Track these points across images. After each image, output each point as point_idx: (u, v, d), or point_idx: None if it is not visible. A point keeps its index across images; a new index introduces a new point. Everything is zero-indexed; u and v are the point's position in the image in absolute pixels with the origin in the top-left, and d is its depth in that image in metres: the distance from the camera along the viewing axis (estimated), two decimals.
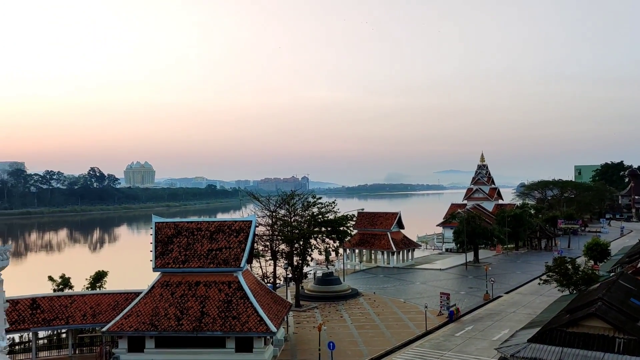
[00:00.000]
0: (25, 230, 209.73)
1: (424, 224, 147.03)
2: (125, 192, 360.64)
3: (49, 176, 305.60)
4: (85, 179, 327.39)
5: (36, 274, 76.43)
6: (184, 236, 44.34)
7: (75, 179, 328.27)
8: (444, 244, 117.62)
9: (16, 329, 40.74)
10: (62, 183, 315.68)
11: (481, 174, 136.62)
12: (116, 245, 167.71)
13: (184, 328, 38.98)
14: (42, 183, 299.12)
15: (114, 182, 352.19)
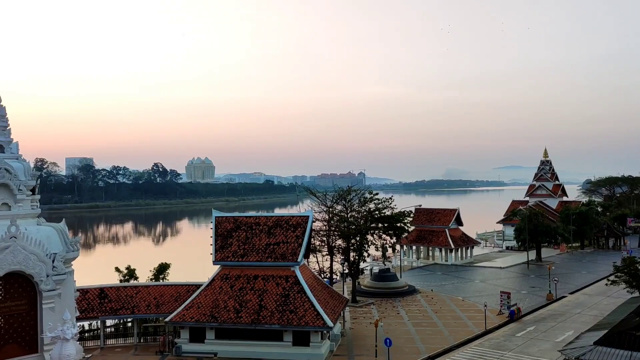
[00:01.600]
0: (94, 223, 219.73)
1: (483, 221, 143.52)
2: (186, 187, 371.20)
3: (115, 171, 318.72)
4: (149, 174, 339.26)
5: (104, 265, 80.00)
6: (243, 230, 45.22)
7: (139, 174, 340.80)
8: (504, 241, 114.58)
9: (86, 317, 42.86)
10: (128, 178, 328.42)
11: (544, 170, 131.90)
12: (178, 239, 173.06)
13: (242, 320, 39.80)
14: (109, 178, 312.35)
15: (176, 177, 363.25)
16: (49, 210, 79.08)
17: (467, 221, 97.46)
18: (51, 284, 37.55)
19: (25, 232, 37.14)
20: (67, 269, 39.22)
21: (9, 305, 36.99)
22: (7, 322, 36.95)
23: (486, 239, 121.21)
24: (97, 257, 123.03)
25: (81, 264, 43.58)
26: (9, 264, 35.87)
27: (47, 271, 37.31)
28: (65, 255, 39.09)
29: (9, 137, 40.63)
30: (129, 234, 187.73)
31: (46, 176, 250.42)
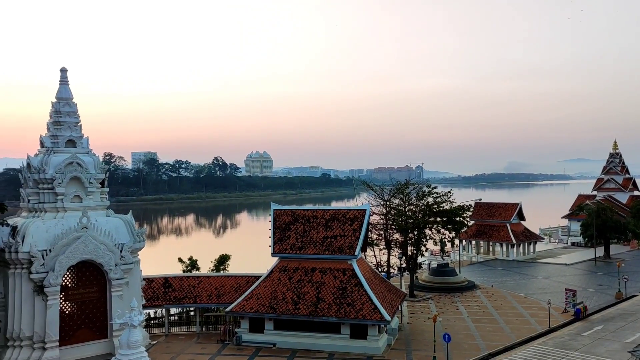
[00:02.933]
0: (158, 215, 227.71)
1: (547, 216, 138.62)
2: (245, 180, 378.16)
3: (178, 165, 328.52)
4: (209, 168, 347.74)
5: (167, 255, 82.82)
6: (301, 223, 45.68)
7: (200, 167, 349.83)
8: (569, 237, 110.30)
9: (151, 305, 44.60)
10: (190, 171, 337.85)
11: (614, 163, 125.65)
12: (237, 231, 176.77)
13: (300, 312, 40.30)
14: (172, 171, 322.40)
15: (235, 171, 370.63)
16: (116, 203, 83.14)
17: (530, 216, 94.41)
18: (119, 272, 39.31)
19: (96, 223, 39.03)
20: (134, 259, 40.97)
21: (81, 292, 39.06)
22: (79, 308, 39.02)
23: (550, 234, 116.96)
24: (161, 247, 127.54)
25: (146, 254, 45.35)
26: (81, 253, 37.82)
27: (116, 260, 39.09)
28: (132, 245, 40.84)
29: (80, 133, 42.70)
30: (191, 225, 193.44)
31: (114, 170, 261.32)
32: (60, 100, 41.77)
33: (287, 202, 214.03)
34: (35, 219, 38.38)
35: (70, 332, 37.96)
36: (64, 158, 39.80)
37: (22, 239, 36.52)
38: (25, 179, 40.45)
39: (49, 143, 40.92)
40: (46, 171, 39.30)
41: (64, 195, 39.51)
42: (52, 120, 41.49)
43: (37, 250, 36.30)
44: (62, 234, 37.40)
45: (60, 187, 39.28)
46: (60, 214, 39.26)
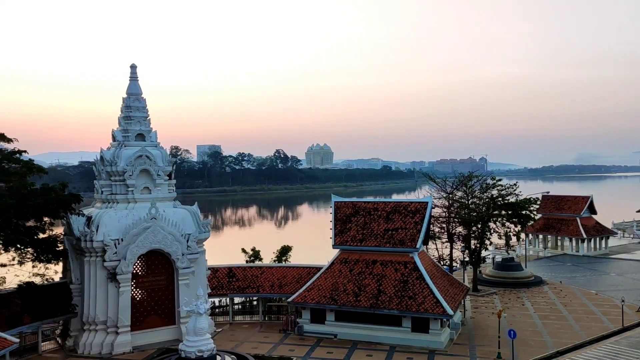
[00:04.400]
0: (222, 207, 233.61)
1: (621, 210, 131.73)
2: (306, 172, 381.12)
3: (241, 158, 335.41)
4: (271, 160, 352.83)
5: (231, 246, 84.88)
6: (362, 216, 45.63)
7: (262, 160, 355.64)
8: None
9: (216, 294, 45.92)
10: (252, 164, 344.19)
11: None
12: (298, 222, 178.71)
13: (361, 304, 40.34)
14: (235, 164, 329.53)
15: (296, 163, 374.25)
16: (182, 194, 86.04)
17: (602, 209, 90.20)
18: (186, 262, 40.69)
19: (164, 214, 40.53)
20: (200, 249, 42.29)
21: (150, 280, 40.73)
22: (149, 295, 40.70)
23: (624, 229, 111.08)
24: (225, 238, 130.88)
25: (211, 245, 46.60)
26: (150, 243, 39.40)
27: (183, 250, 40.46)
28: (198, 236, 42.15)
29: (149, 127, 44.38)
30: (253, 217, 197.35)
31: (180, 162, 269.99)
32: (130, 96, 43.58)
33: (348, 195, 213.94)
34: (108, 210, 40.32)
35: (141, 318, 39.72)
36: (134, 151, 41.54)
37: (96, 228, 38.48)
38: (98, 171, 42.53)
39: (120, 137, 42.79)
40: (118, 164, 41.16)
41: (134, 187, 41.27)
42: (122, 115, 43.36)
43: (110, 240, 38.16)
44: (132, 224, 39.10)
45: (130, 179, 41.05)
46: (131, 204, 41.05)
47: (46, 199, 36.84)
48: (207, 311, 33.59)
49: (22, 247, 37.25)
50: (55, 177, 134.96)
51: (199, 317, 32.57)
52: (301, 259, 55.56)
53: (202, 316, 32.69)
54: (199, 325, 32.26)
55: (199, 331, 32.17)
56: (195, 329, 32.16)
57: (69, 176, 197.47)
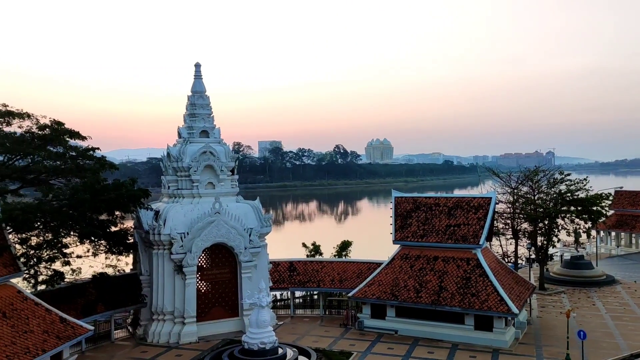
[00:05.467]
0: (283, 202, 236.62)
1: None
2: (366, 167, 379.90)
3: (301, 153, 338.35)
4: (331, 156, 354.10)
5: (292, 240, 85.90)
6: (423, 211, 45.06)
7: (322, 155, 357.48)
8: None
9: (277, 288, 46.65)
10: (312, 159, 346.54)
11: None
12: (358, 218, 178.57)
13: (422, 301, 39.89)
14: (295, 159, 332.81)
15: (356, 159, 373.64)
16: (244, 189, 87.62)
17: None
18: (248, 255, 41.57)
19: (227, 209, 41.57)
20: (262, 243, 43.09)
21: (214, 273, 41.90)
22: (213, 287, 41.90)
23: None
24: (286, 232, 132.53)
25: (273, 239, 47.35)
26: (214, 237, 40.52)
27: (245, 244, 41.37)
28: (260, 230, 42.95)
29: (212, 124, 45.55)
30: (314, 212, 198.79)
31: (242, 158, 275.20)
32: (195, 94, 44.88)
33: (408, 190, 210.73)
34: (174, 204, 41.77)
35: (206, 309, 40.97)
36: (198, 147, 42.80)
37: (163, 222, 39.97)
38: (165, 167, 44.10)
39: (185, 134, 44.17)
40: (183, 160, 42.54)
41: (199, 182, 42.54)
42: (187, 113, 44.72)
43: (176, 233, 39.54)
44: (197, 218, 40.35)
45: (195, 175, 42.34)
46: (196, 199, 42.35)
47: (117, 193, 38.51)
48: (268, 304, 34.27)
49: (95, 240, 39.17)
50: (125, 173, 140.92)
51: (261, 309, 33.25)
52: (361, 254, 55.53)
53: (264, 309, 33.36)
54: (261, 318, 32.95)
55: (261, 324, 32.85)
56: (257, 322, 32.87)
57: (137, 172, 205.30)
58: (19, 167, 41.60)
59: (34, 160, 41.34)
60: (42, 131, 41.85)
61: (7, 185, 42.76)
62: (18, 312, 31.37)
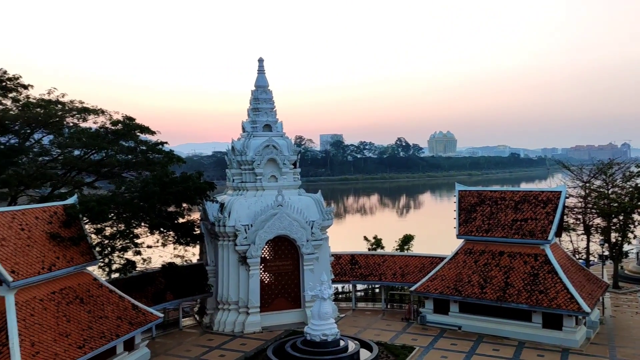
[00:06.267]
0: (344, 195, 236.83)
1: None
2: (428, 160, 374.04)
3: (362, 146, 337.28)
4: (392, 149, 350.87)
5: (353, 233, 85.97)
6: (487, 205, 43.91)
7: (384, 148, 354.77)
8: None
9: (339, 280, 46.85)
10: (374, 152, 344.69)
11: None
12: (420, 211, 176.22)
13: (487, 297, 38.96)
14: (357, 152, 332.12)
15: (418, 151, 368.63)
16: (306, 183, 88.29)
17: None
18: (310, 248, 41.97)
19: (289, 201, 42.10)
20: (323, 236, 43.38)
21: (277, 264, 42.60)
22: (276, 278, 42.62)
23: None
24: (347, 226, 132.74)
25: (334, 232, 47.54)
26: (277, 229, 41.17)
27: (307, 236, 41.78)
28: (322, 223, 43.25)
29: (275, 118, 46.19)
30: (375, 205, 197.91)
31: (304, 152, 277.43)
32: (258, 88, 45.64)
33: (472, 183, 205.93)
34: (238, 197, 42.74)
35: (269, 300, 41.76)
36: (261, 141, 43.54)
37: (228, 214, 41.00)
38: (230, 160, 45.15)
39: (249, 128, 45.03)
40: (247, 153, 43.40)
41: (262, 175, 43.30)
42: (251, 107, 45.55)
43: (240, 225, 40.47)
44: (261, 210, 41.11)
45: (259, 168, 43.12)
46: (259, 192, 43.15)
47: (185, 186, 39.78)
48: (330, 296, 34.49)
49: (164, 231, 40.67)
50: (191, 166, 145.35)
51: (323, 301, 33.52)
52: (423, 249, 54.83)
53: (325, 301, 33.61)
54: (323, 310, 33.22)
55: (323, 315, 33.12)
56: (319, 313, 33.16)
57: (203, 165, 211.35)
58: (94, 161, 43.81)
59: (107, 154, 43.43)
60: (115, 126, 43.87)
61: (84, 178, 45.18)
62: (94, 298, 33.11)
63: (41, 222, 32.79)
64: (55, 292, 30.98)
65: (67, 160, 43.14)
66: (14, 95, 42.39)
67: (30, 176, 39.66)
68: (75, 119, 44.23)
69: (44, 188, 42.87)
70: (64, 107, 43.57)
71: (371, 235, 57.81)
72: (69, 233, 33.72)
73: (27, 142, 43.84)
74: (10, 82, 41.94)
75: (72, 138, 42.87)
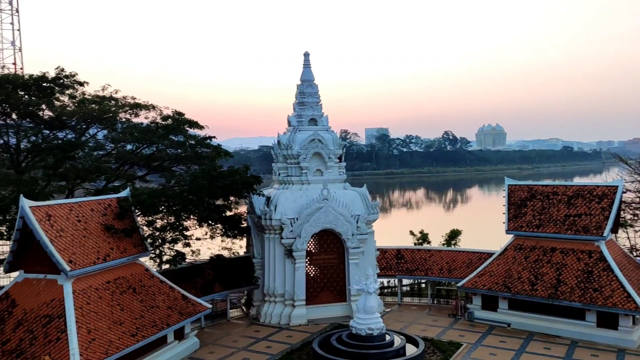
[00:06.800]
0: (389, 189, 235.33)
1: None
2: (476, 154, 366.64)
3: (408, 140, 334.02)
4: (439, 142, 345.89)
5: (399, 227, 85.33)
6: (538, 200, 42.72)
7: (430, 142, 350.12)
8: None
9: (385, 275, 46.64)
10: (419, 146, 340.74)
11: None
12: (467, 206, 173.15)
13: (538, 294, 37.96)
14: (402, 146, 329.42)
15: (465, 145, 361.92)
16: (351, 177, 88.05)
17: None
18: (356, 242, 41.95)
19: (335, 195, 42.15)
20: (369, 230, 43.27)
21: (323, 258, 42.78)
22: (321, 272, 42.82)
23: None
24: (393, 220, 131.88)
25: (379, 226, 47.29)
26: (322, 222, 41.32)
27: (352, 230, 41.76)
28: (367, 217, 43.13)
29: (320, 112, 46.27)
30: (421, 199, 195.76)
31: (349, 145, 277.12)
32: (304, 82, 45.80)
33: (522, 177, 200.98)
34: (284, 191, 43.10)
35: (314, 293, 42.01)
36: (307, 135, 43.71)
37: (274, 207, 41.42)
38: (275, 154, 45.56)
39: (295, 122, 45.28)
40: (292, 147, 43.66)
41: (308, 169, 43.49)
42: (297, 101, 45.78)
43: (286, 218, 40.82)
44: (306, 204, 41.34)
45: (304, 162, 43.33)
46: (305, 186, 43.37)
47: (232, 180, 40.47)
48: (376, 291, 34.38)
49: (212, 223, 41.51)
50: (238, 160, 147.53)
51: (369, 296, 33.46)
52: (470, 244, 53.84)
53: (371, 295, 33.54)
54: (368, 304, 33.17)
55: (369, 309, 33.07)
56: (365, 307, 33.13)
57: (250, 159, 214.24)
58: (146, 155, 45.08)
59: (158, 148, 44.63)
60: (165, 121, 45.01)
61: (135, 172, 46.58)
62: (146, 288, 34.15)
63: (96, 214, 34.02)
64: (109, 282, 32.12)
65: (120, 154, 44.59)
66: (71, 92, 44.07)
67: (86, 170, 41.21)
68: (128, 114, 45.64)
69: (99, 181, 44.47)
70: (117, 102, 45.02)
71: (417, 230, 57.18)
72: (122, 225, 34.86)
73: (83, 137, 45.52)
74: (67, 79, 43.61)
75: (124, 133, 44.28)
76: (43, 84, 42.32)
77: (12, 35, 55.20)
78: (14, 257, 30.85)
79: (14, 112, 41.44)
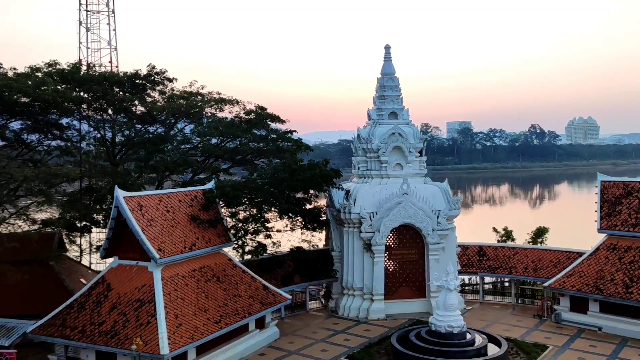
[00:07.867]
0: (471, 184, 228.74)
1: None
2: (566, 148, 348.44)
3: (492, 134, 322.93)
4: (525, 136, 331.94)
5: (481, 224, 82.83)
6: (635, 197, 39.96)
7: (516, 136, 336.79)
8: None
9: (466, 272, 45.50)
10: (504, 140, 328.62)
11: None
12: (555, 203, 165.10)
13: (633, 297, 35.61)
14: (485, 140, 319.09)
15: (554, 139, 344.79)
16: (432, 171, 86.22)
17: None
18: (436, 237, 41.22)
19: (415, 190, 41.62)
20: (450, 225, 42.37)
21: (402, 253, 42.44)
22: (400, 267, 42.49)
23: None
24: (475, 216, 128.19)
25: (461, 222, 46.17)
26: (402, 217, 40.94)
27: (433, 226, 41.07)
28: (448, 212, 42.25)
29: (401, 105, 45.78)
30: (505, 195, 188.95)
31: (430, 139, 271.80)
32: (384, 76, 45.46)
33: (617, 173, 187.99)
34: (363, 185, 43.07)
35: (393, 288, 41.76)
36: (387, 129, 43.38)
37: (353, 201, 41.51)
38: (355, 148, 45.57)
39: (375, 115, 45.06)
40: (372, 141, 43.50)
41: (387, 163, 43.19)
42: (377, 95, 45.51)
43: (365, 212, 40.79)
44: (385, 198, 41.09)
45: (384, 156, 43.06)
46: (384, 180, 43.12)
47: (312, 173, 40.97)
48: (456, 288, 33.61)
49: (293, 216, 42.26)
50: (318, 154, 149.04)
51: (449, 292, 32.78)
52: (558, 242, 51.32)
53: (451, 292, 32.84)
54: (448, 301, 32.51)
55: (449, 307, 32.41)
56: (445, 304, 32.50)
57: (329, 153, 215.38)
58: (230, 148, 46.57)
59: (241, 142, 45.95)
60: (248, 116, 46.25)
61: (220, 165, 48.26)
62: (229, 277, 35.39)
63: (183, 205, 35.63)
64: (195, 270, 33.58)
65: (205, 148, 46.37)
66: (161, 88, 46.36)
67: (174, 163, 43.22)
68: (213, 109, 47.32)
69: (186, 174, 46.49)
70: (203, 98, 46.80)
71: (501, 227, 55.24)
72: (207, 216, 36.28)
73: (172, 131, 47.75)
74: (158, 76, 45.86)
75: (210, 127, 45.97)
76: (136, 80, 44.83)
77: (108, 35, 58.60)
78: (110, 244, 32.95)
79: (110, 108, 44.20)
